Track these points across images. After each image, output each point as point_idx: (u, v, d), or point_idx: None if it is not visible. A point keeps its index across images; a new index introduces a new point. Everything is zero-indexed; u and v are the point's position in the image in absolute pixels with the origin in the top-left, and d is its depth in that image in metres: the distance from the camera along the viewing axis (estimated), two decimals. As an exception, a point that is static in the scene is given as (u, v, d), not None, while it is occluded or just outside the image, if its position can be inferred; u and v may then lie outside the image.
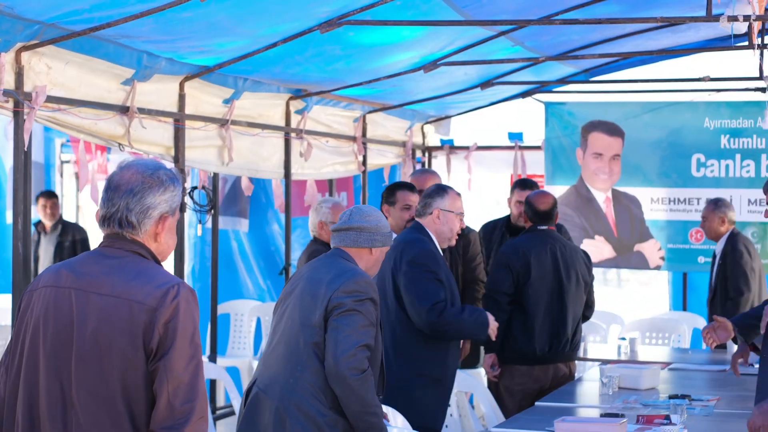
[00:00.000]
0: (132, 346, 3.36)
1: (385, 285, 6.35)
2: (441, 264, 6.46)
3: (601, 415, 5.88)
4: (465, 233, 7.64)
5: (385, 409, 5.60)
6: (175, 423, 3.34)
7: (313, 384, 4.95)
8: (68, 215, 12.45)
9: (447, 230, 6.57)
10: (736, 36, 7.50)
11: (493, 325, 6.55)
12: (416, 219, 6.63)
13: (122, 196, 3.47)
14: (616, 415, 5.75)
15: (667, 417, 5.74)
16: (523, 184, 8.48)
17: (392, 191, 7.43)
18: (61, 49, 6.40)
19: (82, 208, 13.26)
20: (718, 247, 8.95)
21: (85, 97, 6.73)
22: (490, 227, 8.57)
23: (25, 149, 6.29)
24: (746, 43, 7.69)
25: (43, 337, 3.45)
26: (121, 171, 3.53)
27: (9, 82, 6.10)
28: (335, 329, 4.94)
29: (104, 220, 3.51)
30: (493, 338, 6.67)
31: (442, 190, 6.65)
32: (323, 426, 4.92)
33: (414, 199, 7.29)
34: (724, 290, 8.76)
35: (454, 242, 6.69)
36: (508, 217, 8.50)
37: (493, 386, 7.37)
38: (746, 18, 6.31)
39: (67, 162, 12.47)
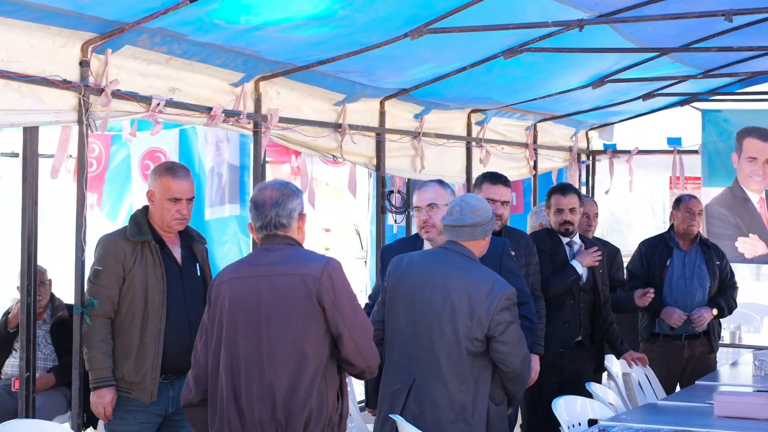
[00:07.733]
0: (311, 305, 4.63)
1: None
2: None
3: (755, 392, 6.74)
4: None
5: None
6: (364, 359, 4.70)
7: None
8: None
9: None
10: None
11: None
12: None
13: (270, 208, 4.73)
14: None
15: (815, 395, 6.51)
16: (563, 188, 7.64)
17: (478, 183, 6.93)
18: (288, 80, 7.53)
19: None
20: None
21: (305, 118, 7.88)
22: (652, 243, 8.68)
23: (262, 162, 7.48)
24: None
25: (239, 315, 4.72)
26: (261, 192, 4.82)
27: (249, 107, 7.30)
28: None
29: (261, 228, 4.79)
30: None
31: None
32: None
33: (492, 192, 6.76)
34: None
35: (425, 235, 5.96)
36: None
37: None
38: None
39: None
